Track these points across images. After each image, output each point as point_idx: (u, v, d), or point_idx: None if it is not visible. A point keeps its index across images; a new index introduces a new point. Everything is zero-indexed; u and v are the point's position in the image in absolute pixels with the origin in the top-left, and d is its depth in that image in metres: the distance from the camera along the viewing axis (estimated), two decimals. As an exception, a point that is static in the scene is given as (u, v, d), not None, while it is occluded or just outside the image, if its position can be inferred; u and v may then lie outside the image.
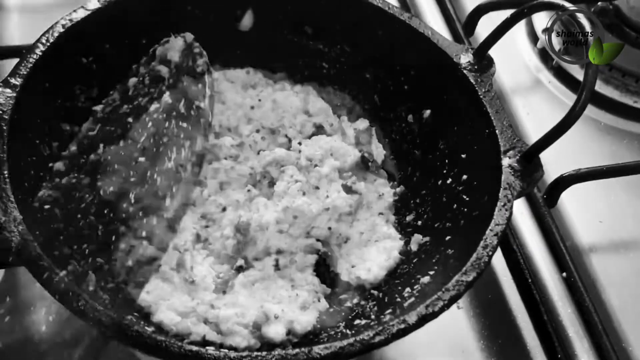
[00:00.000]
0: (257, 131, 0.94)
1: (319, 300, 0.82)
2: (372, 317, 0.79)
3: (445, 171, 0.87)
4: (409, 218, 0.90)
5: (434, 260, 0.81)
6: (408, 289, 0.79)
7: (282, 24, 0.96)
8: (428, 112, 0.91)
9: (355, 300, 0.83)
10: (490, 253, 0.72)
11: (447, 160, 0.88)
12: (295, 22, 0.95)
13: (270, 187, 0.89)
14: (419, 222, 0.88)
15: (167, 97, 0.83)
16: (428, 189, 0.90)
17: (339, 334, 0.78)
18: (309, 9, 0.94)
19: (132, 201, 0.79)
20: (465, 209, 0.82)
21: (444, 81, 0.88)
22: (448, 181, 0.86)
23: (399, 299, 0.79)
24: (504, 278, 0.94)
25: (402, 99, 0.94)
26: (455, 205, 0.84)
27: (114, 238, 0.77)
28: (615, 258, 0.99)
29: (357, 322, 0.79)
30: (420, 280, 0.79)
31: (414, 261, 0.85)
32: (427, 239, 0.86)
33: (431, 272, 0.79)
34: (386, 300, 0.81)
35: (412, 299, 0.77)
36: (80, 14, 0.84)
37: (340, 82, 0.98)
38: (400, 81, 0.93)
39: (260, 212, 0.86)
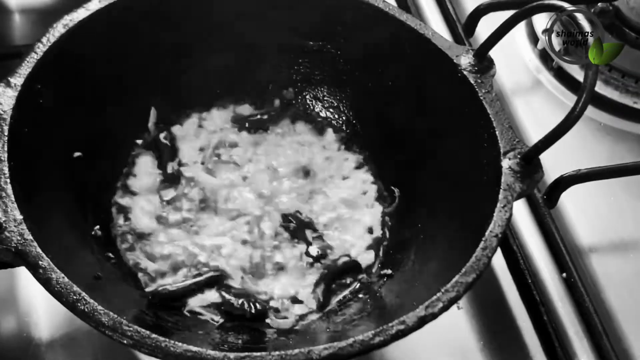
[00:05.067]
0: None
1: None
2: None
3: (444, 172, 0.87)
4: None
5: (433, 261, 0.81)
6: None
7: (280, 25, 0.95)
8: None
9: None
10: (490, 254, 0.72)
11: (446, 162, 0.88)
12: (293, 23, 0.95)
13: None
14: (419, 224, 0.88)
15: None
16: (427, 190, 0.90)
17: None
18: (309, 10, 0.94)
19: None
20: (465, 210, 0.82)
21: (444, 82, 0.87)
22: (447, 182, 0.86)
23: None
24: (504, 278, 0.94)
25: (399, 99, 0.94)
26: (454, 206, 0.84)
27: None
28: (615, 258, 0.99)
29: None
30: (420, 281, 0.79)
31: (413, 261, 0.85)
32: (426, 239, 0.86)
33: (430, 273, 0.79)
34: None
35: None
36: (82, 14, 0.83)
37: (335, 83, 0.98)
38: (399, 82, 0.93)
39: None
